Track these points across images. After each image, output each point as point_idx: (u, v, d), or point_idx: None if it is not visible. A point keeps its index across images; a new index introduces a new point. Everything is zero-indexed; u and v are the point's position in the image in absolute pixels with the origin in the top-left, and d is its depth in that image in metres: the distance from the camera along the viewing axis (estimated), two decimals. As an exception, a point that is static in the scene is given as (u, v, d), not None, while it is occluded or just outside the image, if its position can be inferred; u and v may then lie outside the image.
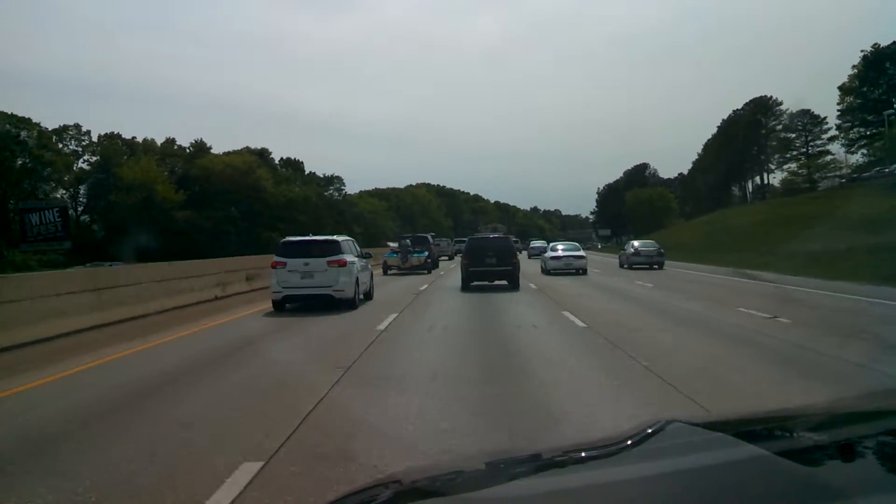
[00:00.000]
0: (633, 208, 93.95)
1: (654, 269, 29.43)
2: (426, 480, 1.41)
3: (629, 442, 1.42)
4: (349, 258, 14.64)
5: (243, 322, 12.94)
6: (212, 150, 79.96)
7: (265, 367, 7.92)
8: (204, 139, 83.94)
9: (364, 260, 16.54)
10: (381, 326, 11.15)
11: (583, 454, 1.49)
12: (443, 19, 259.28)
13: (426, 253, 30.55)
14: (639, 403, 5.72)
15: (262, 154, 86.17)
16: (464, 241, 30.29)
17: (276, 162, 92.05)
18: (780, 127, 79.43)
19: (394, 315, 12.76)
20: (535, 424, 5.17)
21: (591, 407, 5.62)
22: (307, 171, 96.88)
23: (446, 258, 44.59)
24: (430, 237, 35.64)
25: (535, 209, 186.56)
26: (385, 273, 28.81)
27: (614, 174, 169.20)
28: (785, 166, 78.54)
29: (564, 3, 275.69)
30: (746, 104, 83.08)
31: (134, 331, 11.53)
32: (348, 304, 14.11)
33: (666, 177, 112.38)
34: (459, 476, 1.42)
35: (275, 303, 14.22)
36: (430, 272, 29.62)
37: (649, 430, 1.47)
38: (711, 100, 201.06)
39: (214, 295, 17.70)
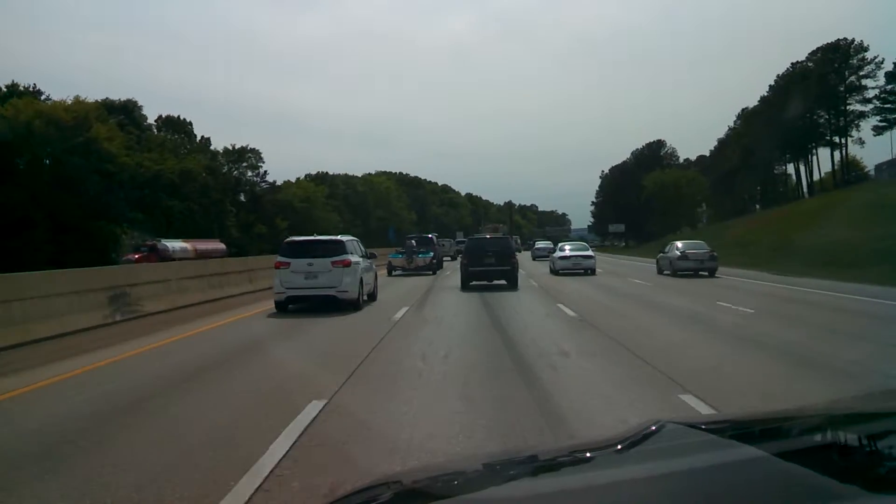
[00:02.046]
0: (656, 195, 74.02)
1: (703, 276, 24.22)
2: (427, 481, 1.42)
3: (626, 443, 1.43)
4: (353, 258, 14.62)
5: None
6: (48, 100, 51.35)
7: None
8: (39, 85, 55.18)
9: (368, 260, 16.55)
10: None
11: (581, 455, 1.50)
12: (413, 16, 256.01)
13: (431, 253, 30.86)
14: None
15: (126, 108, 57.27)
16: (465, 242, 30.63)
17: (153, 122, 63.72)
18: (867, 81, 61.87)
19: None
20: None
21: None
22: (199, 137, 67.56)
23: (448, 258, 44.86)
24: (433, 237, 36.07)
25: (509, 203, 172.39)
26: (390, 274, 28.86)
27: (595, 169, 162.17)
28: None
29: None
30: (812, 52, 65.59)
31: None
32: (352, 305, 14.11)
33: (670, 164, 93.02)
34: (460, 476, 1.43)
35: (277, 304, 14.16)
36: (434, 273, 29.69)
37: (646, 432, 1.48)
38: (714, 90, 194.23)
39: None
